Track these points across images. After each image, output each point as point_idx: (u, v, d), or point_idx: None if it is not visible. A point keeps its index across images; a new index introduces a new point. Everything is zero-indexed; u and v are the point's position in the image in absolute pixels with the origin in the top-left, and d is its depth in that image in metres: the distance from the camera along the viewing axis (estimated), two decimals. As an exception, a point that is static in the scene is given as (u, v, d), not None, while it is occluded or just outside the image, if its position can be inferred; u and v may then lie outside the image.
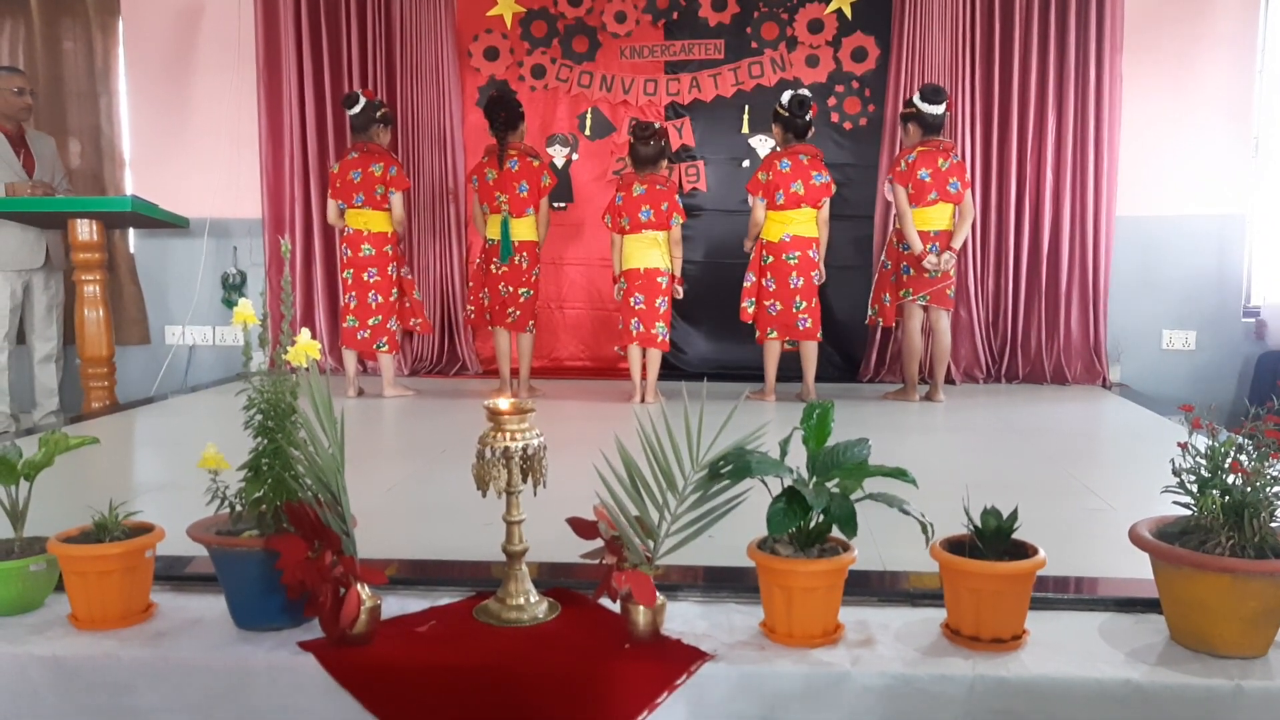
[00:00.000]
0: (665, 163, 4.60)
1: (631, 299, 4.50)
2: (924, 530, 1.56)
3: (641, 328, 4.49)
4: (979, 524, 1.62)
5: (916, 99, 4.45)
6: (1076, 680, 1.49)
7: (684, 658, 1.54)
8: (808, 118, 4.47)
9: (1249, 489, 1.54)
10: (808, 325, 4.50)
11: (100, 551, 1.65)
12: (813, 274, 4.50)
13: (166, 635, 1.65)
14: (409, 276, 4.85)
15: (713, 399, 1.53)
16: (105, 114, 5.58)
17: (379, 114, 4.61)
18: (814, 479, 1.60)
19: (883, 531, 1.96)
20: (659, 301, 4.50)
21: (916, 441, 3.77)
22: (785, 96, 4.45)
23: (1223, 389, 5.22)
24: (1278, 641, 1.57)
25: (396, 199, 4.60)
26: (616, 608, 1.62)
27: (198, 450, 1.68)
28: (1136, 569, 1.72)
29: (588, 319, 5.62)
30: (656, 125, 4.56)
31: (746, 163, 5.39)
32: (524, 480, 1.65)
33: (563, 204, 5.50)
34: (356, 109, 4.57)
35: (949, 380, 5.00)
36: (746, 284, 4.58)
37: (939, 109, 4.41)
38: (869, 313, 4.80)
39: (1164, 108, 5.16)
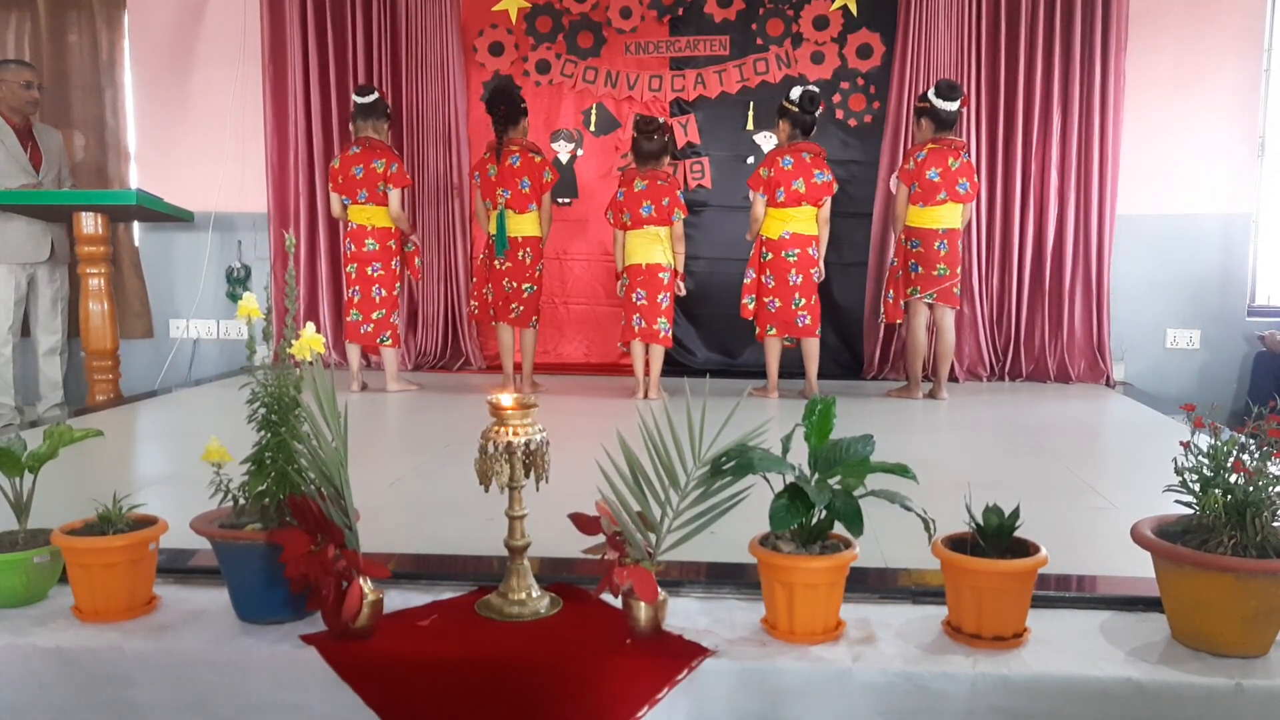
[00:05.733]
0: (668, 158, 4.59)
1: (634, 294, 4.50)
2: (926, 527, 1.56)
3: (644, 323, 4.49)
4: (981, 522, 1.62)
5: (931, 94, 4.40)
6: (1078, 678, 1.49)
7: (685, 653, 1.54)
8: (817, 114, 4.46)
9: (1251, 488, 1.54)
10: (807, 322, 4.49)
11: (104, 544, 1.65)
12: (812, 271, 4.49)
13: (169, 628, 1.65)
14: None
15: (715, 395, 1.53)
16: (110, 107, 5.58)
17: (388, 109, 4.75)
18: (816, 475, 1.60)
19: (884, 529, 1.95)
20: (661, 297, 4.50)
21: (919, 439, 3.77)
22: (795, 92, 4.43)
23: (1226, 388, 5.21)
24: (1279, 641, 1.56)
25: (394, 195, 4.60)
26: (618, 603, 1.62)
27: (201, 444, 1.69)
28: (1138, 568, 1.72)
29: (591, 315, 5.62)
30: (660, 120, 4.56)
31: (751, 159, 5.38)
32: (526, 475, 1.65)
33: (567, 199, 5.50)
34: (370, 99, 4.60)
35: (952, 378, 4.99)
36: (746, 280, 4.57)
37: (953, 105, 4.38)
38: (881, 313, 4.77)
39: (1169, 106, 5.15)
